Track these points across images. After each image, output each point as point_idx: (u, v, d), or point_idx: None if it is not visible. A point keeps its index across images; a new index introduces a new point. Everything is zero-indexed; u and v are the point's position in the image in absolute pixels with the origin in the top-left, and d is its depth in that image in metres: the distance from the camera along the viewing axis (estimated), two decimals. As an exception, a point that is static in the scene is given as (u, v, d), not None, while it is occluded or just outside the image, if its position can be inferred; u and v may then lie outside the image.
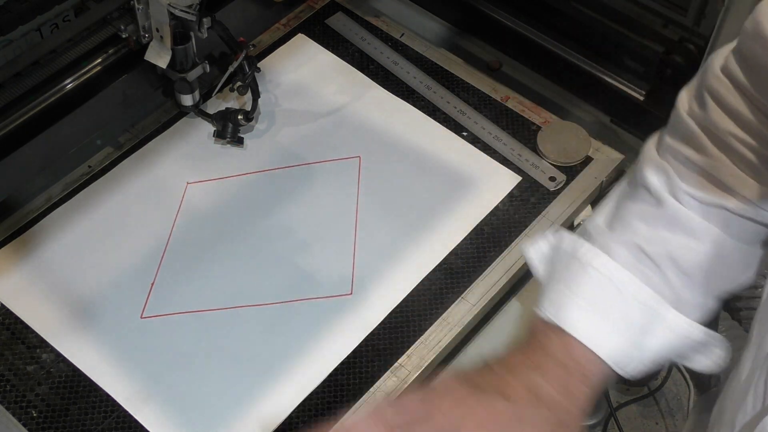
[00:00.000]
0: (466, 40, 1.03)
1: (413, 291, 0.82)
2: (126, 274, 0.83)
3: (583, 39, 0.95)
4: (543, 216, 0.87)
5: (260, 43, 1.01)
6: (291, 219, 0.87)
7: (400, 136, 0.93)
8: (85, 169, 0.91)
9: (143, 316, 0.80)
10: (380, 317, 0.80)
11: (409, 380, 0.76)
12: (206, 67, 0.90)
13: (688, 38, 0.87)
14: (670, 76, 0.90)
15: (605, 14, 0.93)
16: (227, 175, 0.91)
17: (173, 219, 0.87)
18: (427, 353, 0.78)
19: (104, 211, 0.88)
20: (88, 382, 0.76)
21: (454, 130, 0.94)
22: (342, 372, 0.77)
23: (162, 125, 0.94)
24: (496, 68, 1.01)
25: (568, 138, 0.91)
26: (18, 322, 0.80)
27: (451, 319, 0.80)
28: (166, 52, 0.86)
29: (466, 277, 0.83)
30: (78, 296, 0.82)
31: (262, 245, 0.85)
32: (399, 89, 0.97)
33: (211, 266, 0.84)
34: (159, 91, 0.95)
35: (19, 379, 0.76)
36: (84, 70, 0.87)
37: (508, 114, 0.95)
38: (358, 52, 1.01)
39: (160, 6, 0.82)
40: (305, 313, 0.80)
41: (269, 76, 0.98)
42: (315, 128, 0.94)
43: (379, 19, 1.04)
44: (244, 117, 0.91)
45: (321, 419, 0.75)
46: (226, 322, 0.80)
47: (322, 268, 0.83)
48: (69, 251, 0.85)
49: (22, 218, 0.87)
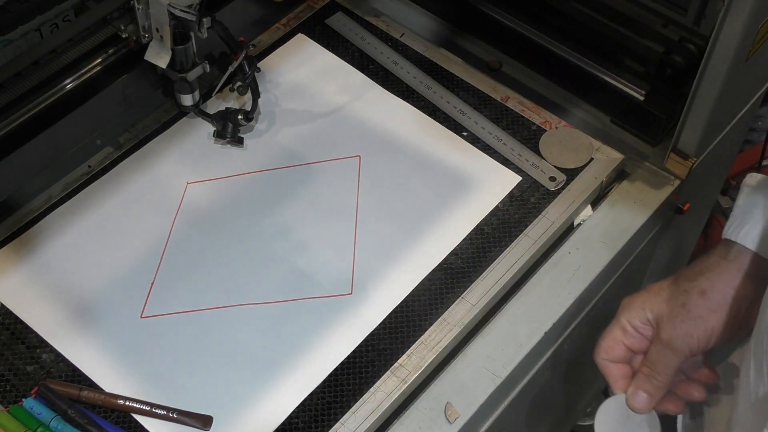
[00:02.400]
0: (466, 40, 1.03)
1: (413, 291, 0.82)
2: (126, 274, 0.83)
3: (583, 39, 0.95)
4: (543, 216, 0.87)
5: (260, 43, 1.01)
6: (291, 219, 0.87)
7: (400, 136, 0.93)
8: (85, 169, 0.91)
9: (143, 316, 0.80)
10: (380, 317, 0.80)
11: (409, 380, 0.76)
12: (206, 67, 0.90)
13: (688, 38, 0.87)
14: (670, 76, 0.90)
15: (605, 14, 0.93)
16: (227, 175, 0.91)
17: (173, 219, 0.87)
18: (427, 353, 0.78)
19: (104, 211, 0.88)
20: (88, 382, 0.76)
21: (454, 130, 0.94)
22: (342, 372, 0.77)
23: (162, 125, 0.94)
24: (496, 68, 1.01)
25: (571, 144, 0.92)
26: (18, 322, 0.80)
27: (451, 319, 0.80)
28: (166, 52, 0.86)
29: (466, 277, 0.83)
30: (78, 296, 0.82)
31: (262, 245, 0.85)
32: (399, 89, 0.97)
33: (211, 266, 0.84)
34: (159, 91, 0.95)
35: (19, 379, 0.76)
36: (84, 70, 0.87)
37: (508, 114, 0.95)
38: (358, 52, 1.01)
39: (160, 6, 0.82)
40: (305, 312, 0.80)
41: (269, 76, 0.98)
42: (315, 128, 0.94)
43: (379, 19, 1.04)
44: (244, 117, 0.91)
45: (321, 419, 0.75)
46: (226, 322, 0.80)
47: (322, 268, 0.83)
48: (69, 251, 0.85)
49: (22, 218, 0.87)
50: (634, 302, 0.75)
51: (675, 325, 0.72)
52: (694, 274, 0.74)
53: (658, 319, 0.73)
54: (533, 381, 0.86)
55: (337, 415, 0.75)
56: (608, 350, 0.76)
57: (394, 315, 0.80)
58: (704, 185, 1.15)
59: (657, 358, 0.73)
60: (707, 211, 1.36)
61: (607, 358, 0.76)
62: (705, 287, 0.72)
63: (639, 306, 0.74)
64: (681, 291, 0.73)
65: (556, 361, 0.90)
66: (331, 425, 0.74)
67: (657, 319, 0.73)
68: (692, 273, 0.74)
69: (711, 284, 0.72)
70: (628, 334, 0.75)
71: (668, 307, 0.73)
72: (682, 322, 0.72)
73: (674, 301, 0.73)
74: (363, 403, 0.75)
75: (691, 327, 0.71)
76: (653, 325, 0.74)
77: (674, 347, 0.72)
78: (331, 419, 0.74)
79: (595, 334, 0.78)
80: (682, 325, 0.72)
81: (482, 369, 0.78)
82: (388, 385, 0.76)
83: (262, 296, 0.82)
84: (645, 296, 0.75)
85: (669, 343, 0.72)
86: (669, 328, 0.72)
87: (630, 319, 0.75)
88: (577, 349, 0.95)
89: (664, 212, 0.95)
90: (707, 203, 1.32)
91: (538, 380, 0.87)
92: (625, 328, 0.75)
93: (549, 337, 0.82)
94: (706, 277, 0.73)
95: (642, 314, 0.74)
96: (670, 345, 0.72)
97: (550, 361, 0.88)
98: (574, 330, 0.89)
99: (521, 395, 0.85)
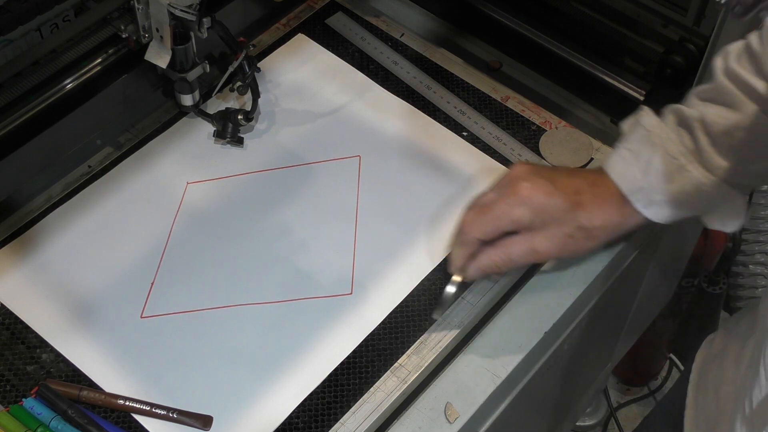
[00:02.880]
0: (466, 40, 1.03)
1: (413, 291, 0.82)
2: (126, 274, 0.83)
3: (583, 39, 0.95)
4: (543, 216, 0.86)
5: (260, 43, 1.01)
6: (291, 219, 0.87)
7: (400, 136, 0.93)
8: (85, 169, 0.91)
9: (143, 316, 0.81)
10: (380, 317, 0.80)
11: (409, 380, 0.76)
12: (206, 67, 0.90)
13: (688, 38, 0.87)
14: (670, 76, 0.90)
15: (605, 14, 0.93)
16: (227, 175, 0.91)
17: (173, 219, 0.87)
18: (427, 353, 0.78)
19: (104, 211, 0.88)
20: (88, 382, 0.76)
21: (454, 130, 0.94)
22: (342, 372, 0.77)
23: (162, 125, 0.94)
24: (496, 68, 1.01)
25: (571, 144, 0.92)
26: (18, 322, 0.80)
27: (451, 319, 0.80)
28: (166, 52, 0.86)
29: (466, 277, 0.83)
30: (78, 296, 0.82)
31: (262, 245, 0.85)
32: (399, 89, 0.97)
33: (211, 266, 0.84)
34: (159, 91, 0.95)
35: (19, 379, 0.76)
36: (84, 70, 0.87)
37: (508, 114, 0.95)
38: (358, 52, 1.01)
39: (160, 6, 0.82)
40: (305, 312, 0.80)
41: (269, 76, 0.98)
42: (315, 128, 0.94)
43: (379, 19, 1.04)
44: (244, 117, 0.91)
45: (321, 419, 0.75)
46: (226, 322, 0.80)
47: (322, 268, 0.83)
48: (69, 251, 0.85)
49: (22, 218, 0.87)
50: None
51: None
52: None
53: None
54: (533, 381, 0.86)
55: (337, 415, 0.75)
56: (491, 233, 0.76)
57: (394, 315, 0.80)
58: (704, 185, 1.15)
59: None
60: (707, 211, 1.36)
61: (482, 237, 0.76)
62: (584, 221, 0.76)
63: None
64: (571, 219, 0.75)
65: (556, 362, 0.90)
66: (331, 425, 0.74)
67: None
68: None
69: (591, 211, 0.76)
70: (514, 225, 0.76)
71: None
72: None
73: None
74: (363, 403, 0.75)
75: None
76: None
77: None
78: (331, 419, 0.74)
79: (596, 334, 0.78)
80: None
81: (482, 369, 0.78)
82: (388, 385, 0.76)
83: (262, 296, 0.82)
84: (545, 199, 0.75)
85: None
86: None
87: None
88: (577, 349, 0.95)
89: (664, 212, 0.95)
90: (707, 203, 1.32)
91: (538, 380, 0.87)
92: (516, 220, 0.75)
93: (549, 337, 0.82)
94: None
95: (536, 218, 0.75)
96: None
97: (550, 361, 0.88)
98: (574, 330, 0.89)
99: (521, 395, 0.85)
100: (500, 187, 0.77)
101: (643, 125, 0.76)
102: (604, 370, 1.36)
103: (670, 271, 1.36)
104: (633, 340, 1.40)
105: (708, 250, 1.47)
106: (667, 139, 0.74)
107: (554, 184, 0.75)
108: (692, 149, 0.73)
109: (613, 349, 1.31)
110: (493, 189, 0.77)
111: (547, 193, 0.74)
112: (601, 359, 1.29)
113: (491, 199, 0.76)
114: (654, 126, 0.75)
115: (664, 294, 1.42)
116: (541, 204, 0.74)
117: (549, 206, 0.74)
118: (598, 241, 0.78)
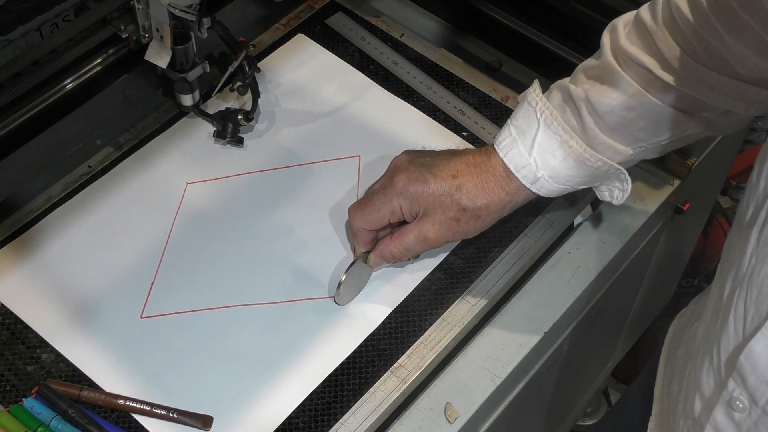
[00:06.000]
0: (466, 40, 1.03)
1: (413, 291, 0.82)
2: (126, 274, 0.83)
3: (583, 39, 0.95)
4: (543, 216, 0.87)
5: (260, 43, 1.01)
6: (291, 219, 0.87)
7: (400, 136, 0.93)
8: (85, 169, 0.91)
9: (143, 316, 0.81)
10: (380, 317, 0.80)
11: (409, 380, 0.76)
12: (206, 67, 0.90)
13: (688, 38, 0.87)
14: (670, 76, 0.90)
15: (605, 14, 0.93)
16: (227, 175, 0.91)
17: (173, 219, 0.87)
18: (427, 353, 0.78)
19: (104, 211, 0.88)
20: (88, 382, 0.76)
21: (454, 130, 0.94)
22: (342, 372, 0.77)
23: (162, 125, 0.94)
24: (496, 68, 1.01)
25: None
26: (18, 322, 0.80)
27: (451, 319, 0.80)
28: (166, 52, 0.86)
29: (466, 277, 0.83)
30: (78, 296, 0.82)
31: (262, 245, 0.85)
32: (399, 89, 0.97)
33: (210, 266, 0.84)
34: (159, 91, 0.95)
35: (19, 379, 0.77)
36: (84, 70, 0.87)
37: (508, 114, 0.94)
38: (358, 52, 1.01)
39: (160, 6, 0.82)
40: (305, 312, 0.80)
41: (269, 76, 0.98)
42: (315, 128, 0.94)
43: (379, 19, 1.04)
44: (244, 117, 0.91)
45: (321, 419, 0.75)
46: (226, 322, 0.80)
47: (323, 268, 0.83)
48: (69, 251, 0.85)
49: (22, 218, 0.87)
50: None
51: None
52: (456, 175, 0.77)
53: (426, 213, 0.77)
54: (533, 381, 0.86)
55: (337, 415, 0.75)
56: (373, 224, 0.79)
57: (394, 315, 0.80)
58: (704, 185, 1.15)
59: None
60: (707, 211, 1.36)
61: (367, 228, 0.79)
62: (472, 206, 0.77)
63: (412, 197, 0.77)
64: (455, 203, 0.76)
65: (556, 361, 0.90)
66: (331, 425, 0.74)
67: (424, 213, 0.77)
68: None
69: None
70: (395, 215, 0.78)
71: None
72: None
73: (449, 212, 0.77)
74: (363, 403, 0.75)
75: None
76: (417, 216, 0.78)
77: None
78: (331, 419, 0.74)
79: (596, 334, 0.78)
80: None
81: (482, 369, 0.79)
82: (388, 385, 0.76)
83: (263, 296, 0.82)
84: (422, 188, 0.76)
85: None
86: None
87: (402, 204, 0.77)
88: (577, 349, 0.95)
89: (663, 212, 0.95)
90: (707, 203, 1.32)
91: (538, 380, 0.88)
92: (394, 210, 0.77)
93: (549, 337, 0.82)
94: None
95: (415, 207, 0.77)
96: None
97: (550, 361, 0.88)
98: (574, 330, 0.89)
99: (521, 395, 0.85)
100: (383, 178, 0.80)
101: (528, 101, 0.76)
102: (604, 370, 1.36)
103: (670, 271, 1.36)
104: (633, 340, 1.40)
105: (708, 250, 1.47)
106: (551, 116, 0.74)
107: (431, 170, 0.76)
108: (576, 126, 0.74)
109: (613, 349, 1.31)
110: (378, 180, 0.80)
111: (422, 181, 0.76)
112: (601, 359, 1.29)
113: (373, 191, 0.79)
114: (538, 102, 0.75)
115: (664, 294, 1.42)
116: (417, 193, 0.76)
117: (425, 194, 0.76)
118: (488, 220, 0.78)
